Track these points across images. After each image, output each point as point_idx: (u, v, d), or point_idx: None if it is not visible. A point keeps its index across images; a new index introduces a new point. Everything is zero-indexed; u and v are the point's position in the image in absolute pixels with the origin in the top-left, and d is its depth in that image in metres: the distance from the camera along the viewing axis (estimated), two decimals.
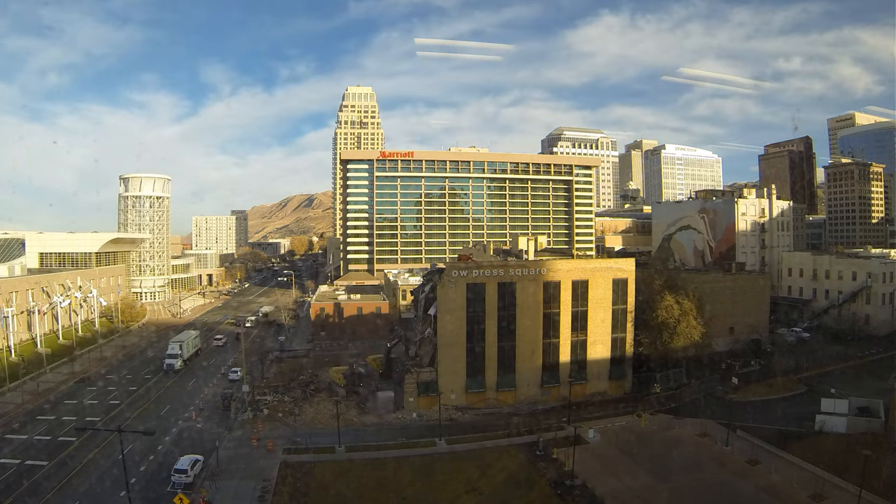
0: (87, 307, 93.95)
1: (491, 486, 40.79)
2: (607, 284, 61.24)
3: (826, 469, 39.33)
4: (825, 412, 48.58)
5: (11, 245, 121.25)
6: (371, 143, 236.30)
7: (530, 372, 59.54)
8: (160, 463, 44.40)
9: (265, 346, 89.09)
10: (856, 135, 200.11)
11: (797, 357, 69.57)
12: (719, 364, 66.10)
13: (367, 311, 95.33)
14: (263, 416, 55.39)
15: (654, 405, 57.13)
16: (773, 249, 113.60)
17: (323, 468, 43.53)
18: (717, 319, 69.34)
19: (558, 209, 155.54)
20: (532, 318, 59.04)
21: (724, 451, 45.00)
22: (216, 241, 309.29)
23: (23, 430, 51.54)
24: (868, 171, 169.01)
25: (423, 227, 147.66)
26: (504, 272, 59.19)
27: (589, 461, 42.90)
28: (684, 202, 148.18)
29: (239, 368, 69.99)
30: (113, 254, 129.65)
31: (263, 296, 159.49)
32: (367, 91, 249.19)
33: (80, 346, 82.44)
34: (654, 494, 38.57)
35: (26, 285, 80.00)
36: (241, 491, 39.51)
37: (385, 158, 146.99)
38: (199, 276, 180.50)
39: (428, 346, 60.29)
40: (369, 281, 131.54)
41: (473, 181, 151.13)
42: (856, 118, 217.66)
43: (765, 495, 37.63)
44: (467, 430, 51.63)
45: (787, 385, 60.86)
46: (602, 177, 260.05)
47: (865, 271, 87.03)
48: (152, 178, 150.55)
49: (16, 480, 40.76)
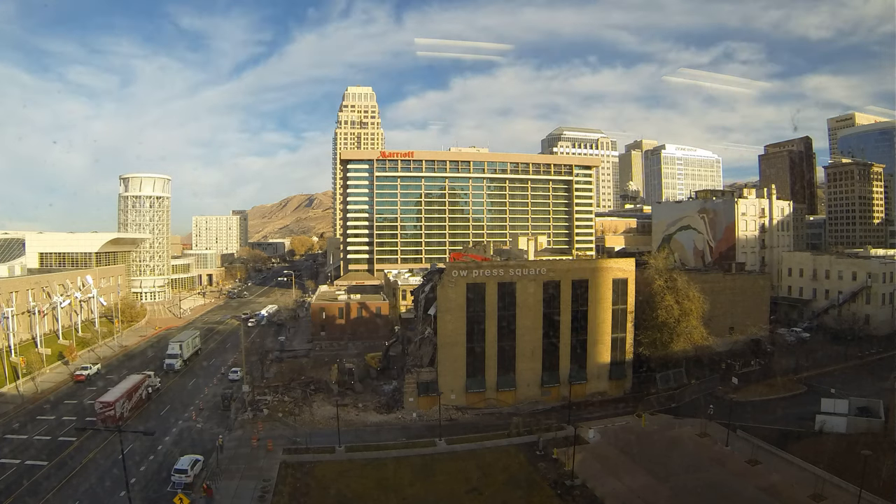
0: (87, 307, 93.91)
1: (491, 486, 40.76)
2: (607, 284, 61.23)
3: (826, 469, 39.32)
4: (825, 412, 48.58)
5: (11, 245, 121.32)
6: (371, 143, 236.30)
7: (530, 372, 59.53)
8: (160, 463, 44.45)
9: (265, 346, 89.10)
10: (856, 135, 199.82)
11: (797, 357, 69.64)
12: (719, 364, 66.14)
13: (368, 311, 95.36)
14: (263, 416, 55.36)
15: (654, 405, 57.10)
16: (773, 249, 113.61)
17: (323, 468, 43.52)
18: (717, 319, 69.31)
19: (558, 209, 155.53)
20: (532, 318, 59.04)
21: (724, 451, 45.00)
22: (216, 241, 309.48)
23: (23, 430, 51.53)
24: (868, 171, 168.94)
25: (423, 227, 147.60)
26: (504, 272, 59.17)
27: (589, 461, 42.93)
28: (684, 202, 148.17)
29: (239, 368, 70.01)
30: (113, 254, 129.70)
31: (263, 296, 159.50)
32: (367, 91, 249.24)
33: (80, 347, 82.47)
34: (654, 494, 38.57)
35: (26, 285, 79.93)
36: (241, 491, 39.49)
37: (385, 158, 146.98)
38: (199, 277, 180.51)
39: (428, 346, 60.28)
40: (369, 281, 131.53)
41: (473, 181, 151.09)
42: (856, 118, 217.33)
43: (765, 495, 37.63)
44: (467, 430, 51.63)
45: (787, 385, 60.84)
46: (602, 177, 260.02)
47: (865, 271, 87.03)
48: (152, 178, 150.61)
49: (16, 480, 40.75)
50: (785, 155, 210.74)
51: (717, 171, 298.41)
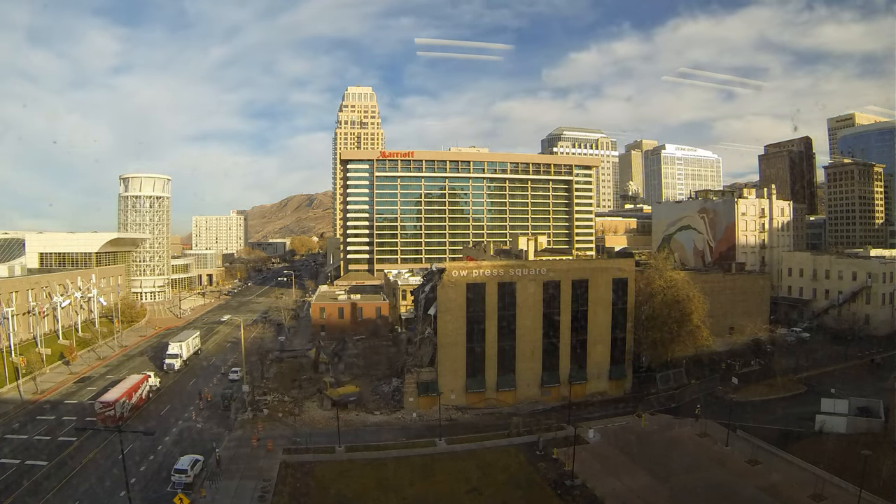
0: (87, 307, 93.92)
1: (491, 486, 40.77)
2: (607, 284, 61.22)
3: (826, 469, 39.32)
4: (825, 412, 48.58)
5: (11, 245, 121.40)
6: (371, 143, 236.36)
7: (530, 372, 59.55)
8: (160, 463, 44.44)
9: (265, 346, 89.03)
10: (856, 135, 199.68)
11: (797, 357, 69.57)
12: (719, 364, 66.12)
13: (367, 311, 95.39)
14: (263, 416, 55.39)
15: (653, 405, 57.09)
16: (773, 249, 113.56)
17: (323, 468, 43.52)
18: (717, 319, 69.37)
19: (558, 209, 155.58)
20: (532, 318, 59.04)
21: (724, 451, 45.01)
22: (216, 241, 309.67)
23: (23, 430, 51.56)
24: (868, 172, 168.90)
25: (423, 227, 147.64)
26: (504, 272, 59.19)
27: (589, 461, 42.92)
28: (684, 202, 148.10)
29: (239, 368, 70.00)
30: (113, 254, 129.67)
31: (263, 296, 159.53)
32: (367, 91, 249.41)
33: (80, 347, 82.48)
34: (654, 494, 38.57)
35: (26, 285, 79.95)
36: (241, 491, 39.50)
37: (385, 158, 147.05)
38: (199, 277, 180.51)
39: (428, 346, 60.28)
40: (369, 281, 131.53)
41: (473, 181, 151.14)
42: (856, 118, 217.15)
43: (765, 495, 37.63)
44: (467, 430, 51.63)
45: (787, 385, 60.83)
46: (602, 177, 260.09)
47: (865, 271, 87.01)
48: (152, 178, 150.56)
49: (16, 480, 40.76)
50: (785, 155, 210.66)
51: (717, 171, 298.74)
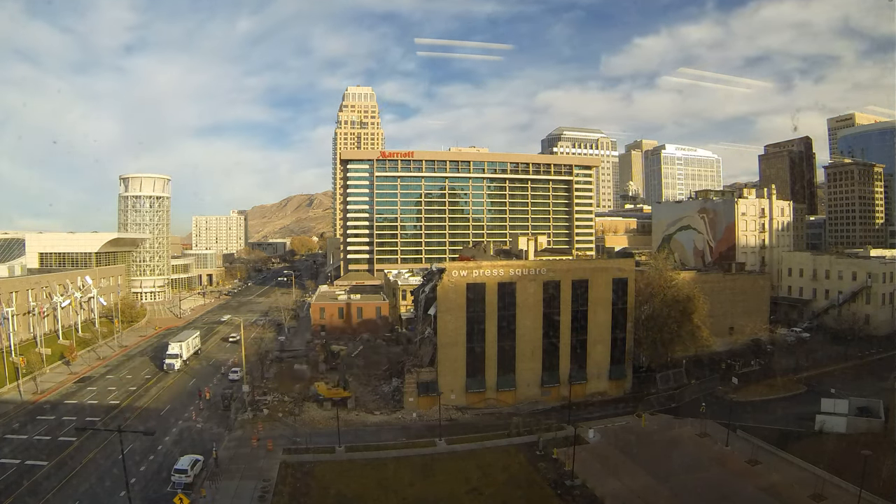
0: (87, 307, 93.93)
1: (491, 486, 40.76)
2: (607, 284, 61.22)
3: (826, 469, 39.35)
4: (825, 412, 48.59)
5: (11, 245, 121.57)
6: (371, 143, 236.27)
7: (530, 372, 59.54)
8: (160, 463, 44.42)
9: (265, 345, 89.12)
10: (856, 135, 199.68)
11: (797, 357, 69.58)
12: (719, 364, 66.16)
13: (367, 311, 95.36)
14: (263, 416, 55.40)
15: (653, 405, 57.11)
16: (773, 249, 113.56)
17: (323, 468, 43.52)
18: (717, 319, 69.41)
19: (558, 209, 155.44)
20: (532, 318, 59.04)
21: (724, 451, 45.01)
22: (216, 241, 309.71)
23: (23, 430, 51.54)
24: (868, 172, 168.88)
25: (423, 227, 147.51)
26: (504, 272, 59.19)
27: (589, 461, 42.91)
28: (684, 202, 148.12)
29: (239, 368, 70.00)
30: (113, 254, 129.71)
31: (263, 296, 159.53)
32: (367, 91, 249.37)
33: (80, 347, 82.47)
34: (654, 494, 38.57)
35: (26, 285, 79.96)
36: (241, 491, 39.49)
37: (385, 158, 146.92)
38: (199, 276, 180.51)
39: (428, 346, 60.29)
40: (369, 281, 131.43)
41: (473, 181, 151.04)
42: (856, 118, 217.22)
43: (765, 495, 37.63)
44: (467, 430, 51.63)
45: (787, 385, 60.84)
46: (602, 177, 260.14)
47: (865, 271, 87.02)
48: (152, 179, 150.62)
49: (16, 480, 40.74)
50: (785, 155, 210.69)
51: (717, 171, 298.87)
